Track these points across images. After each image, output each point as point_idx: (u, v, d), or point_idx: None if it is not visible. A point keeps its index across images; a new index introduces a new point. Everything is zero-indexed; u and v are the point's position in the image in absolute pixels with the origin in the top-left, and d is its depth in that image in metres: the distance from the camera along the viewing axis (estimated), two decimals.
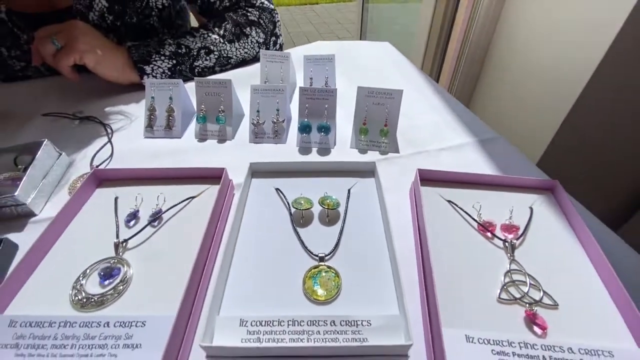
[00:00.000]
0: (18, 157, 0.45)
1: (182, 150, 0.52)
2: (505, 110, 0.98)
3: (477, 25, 0.98)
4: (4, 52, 0.65)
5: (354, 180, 0.42)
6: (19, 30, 0.63)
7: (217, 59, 0.69)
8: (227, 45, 0.69)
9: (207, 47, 0.67)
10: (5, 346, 0.26)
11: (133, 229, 0.36)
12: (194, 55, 0.65)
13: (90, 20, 0.62)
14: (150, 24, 0.69)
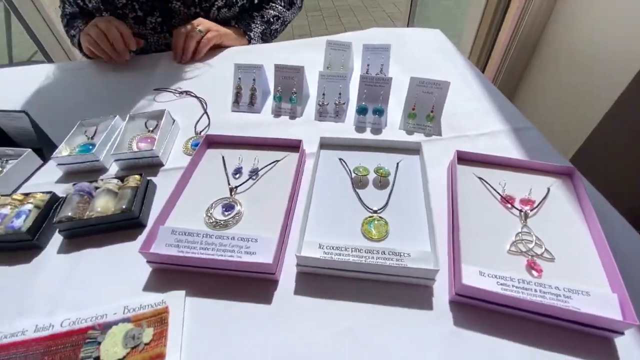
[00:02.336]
0: (147, 122, 0.61)
1: (262, 123, 0.65)
2: (548, 102, 1.00)
3: (530, 15, 0.99)
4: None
5: (402, 156, 0.53)
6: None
7: (281, 23, 0.96)
8: (287, 12, 0.96)
9: (277, 15, 0.94)
10: (170, 245, 0.41)
11: (239, 179, 0.50)
12: (270, 21, 0.93)
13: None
14: None
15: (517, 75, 1.08)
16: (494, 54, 1.15)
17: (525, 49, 1.03)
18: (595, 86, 0.87)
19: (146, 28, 0.87)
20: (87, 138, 0.59)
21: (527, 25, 0.99)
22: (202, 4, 0.84)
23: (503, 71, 1.10)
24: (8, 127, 0.58)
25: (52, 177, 0.56)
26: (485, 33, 1.13)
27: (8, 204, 0.46)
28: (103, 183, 0.48)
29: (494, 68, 1.13)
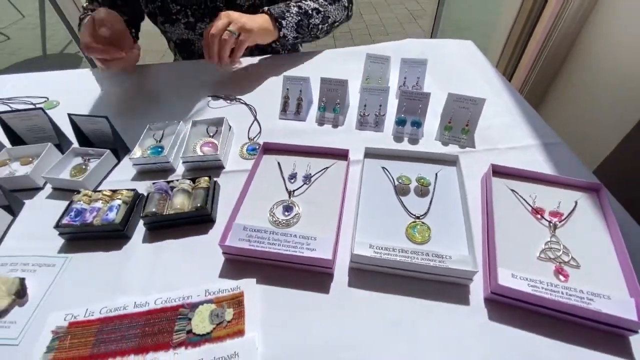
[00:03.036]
0: (208, 127, 0.68)
1: (307, 130, 0.72)
2: (574, 112, 1.03)
3: (563, 25, 1.01)
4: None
5: (440, 167, 0.58)
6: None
7: (322, 18, 0.87)
8: (330, 7, 0.88)
9: (317, 8, 0.86)
10: (243, 239, 0.48)
11: (294, 184, 0.57)
12: (309, 14, 0.84)
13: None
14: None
15: (544, 85, 1.11)
16: (522, 63, 1.18)
17: (555, 59, 1.06)
18: (622, 99, 0.90)
19: (195, 34, 0.94)
20: (155, 141, 0.66)
21: (558, 37, 1.02)
22: (251, 12, 0.90)
23: (530, 81, 1.13)
24: (87, 130, 0.66)
25: (126, 175, 0.64)
26: (515, 40, 1.16)
27: (100, 198, 0.54)
28: (178, 183, 0.55)
29: (522, 76, 1.16)
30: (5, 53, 3.52)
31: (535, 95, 1.13)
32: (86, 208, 0.53)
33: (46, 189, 0.62)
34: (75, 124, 0.64)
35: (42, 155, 0.62)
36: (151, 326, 0.43)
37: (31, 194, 0.61)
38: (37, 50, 3.45)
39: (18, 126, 0.66)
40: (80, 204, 0.53)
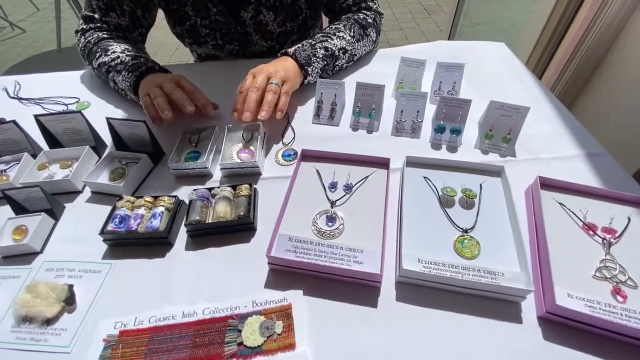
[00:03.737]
0: (244, 133, 0.67)
1: (341, 135, 0.71)
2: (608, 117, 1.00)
3: (601, 26, 0.98)
4: (198, 21, 0.85)
5: (483, 178, 0.57)
6: (210, 4, 0.82)
7: (349, 57, 0.82)
8: (356, 44, 0.82)
9: (344, 48, 0.80)
10: (288, 250, 0.48)
11: (335, 193, 0.56)
12: (336, 55, 0.78)
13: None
14: (299, 5, 0.86)
15: (576, 89, 1.08)
16: (552, 64, 1.15)
17: (591, 60, 1.03)
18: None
19: (223, 52, 0.94)
20: (191, 145, 0.66)
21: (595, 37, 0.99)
22: (279, 38, 0.90)
23: (561, 84, 1.10)
24: (124, 133, 0.66)
25: (163, 179, 0.64)
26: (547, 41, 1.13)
27: (142, 205, 0.54)
28: (220, 190, 0.55)
29: (551, 78, 1.13)
30: (21, 46, 3.56)
31: (567, 98, 1.10)
32: (129, 214, 0.53)
33: (85, 193, 0.62)
34: (112, 128, 0.64)
35: (80, 158, 0.62)
36: (201, 337, 0.43)
37: (71, 198, 0.61)
38: (52, 43, 3.47)
39: (55, 128, 0.66)
40: (123, 210, 0.53)
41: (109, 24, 0.83)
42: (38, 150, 0.67)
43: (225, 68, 0.93)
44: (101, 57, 0.77)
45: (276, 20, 0.86)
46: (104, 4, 0.81)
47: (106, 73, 0.77)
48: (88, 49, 0.80)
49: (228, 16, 0.84)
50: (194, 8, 0.82)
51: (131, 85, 0.72)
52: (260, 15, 0.84)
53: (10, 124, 0.64)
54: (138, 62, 0.73)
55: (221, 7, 0.82)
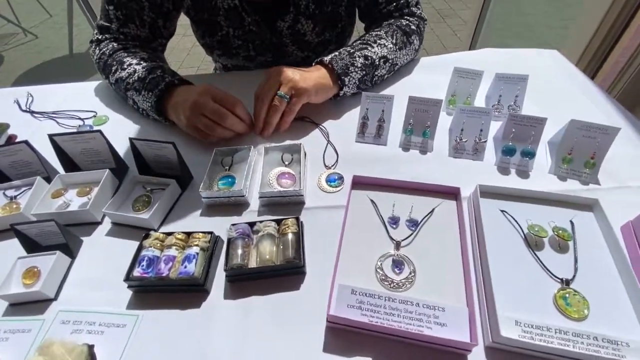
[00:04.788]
0: (283, 155, 0.59)
1: (390, 157, 0.62)
2: None
3: None
4: (230, 31, 0.78)
5: (573, 212, 0.48)
6: (245, 14, 0.75)
7: (390, 66, 0.74)
8: (398, 53, 0.74)
9: (385, 56, 0.71)
10: (352, 306, 0.40)
11: (397, 230, 0.48)
12: (376, 64, 0.70)
13: (299, 5, 0.73)
14: (338, 12, 0.79)
15: (632, 101, 0.99)
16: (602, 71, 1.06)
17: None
18: None
19: (252, 64, 0.86)
20: (224, 169, 0.58)
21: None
22: (317, 48, 0.82)
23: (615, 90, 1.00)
24: (149, 155, 0.58)
25: (192, 208, 0.56)
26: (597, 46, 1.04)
27: (173, 244, 0.46)
28: (263, 226, 0.47)
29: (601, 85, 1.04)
30: (33, 52, 3.55)
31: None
32: (159, 256, 0.45)
33: (105, 224, 0.54)
34: (136, 149, 0.56)
35: (100, 184, 0.55)
36: None
37: (89, 230, 0.54)
38: (64, 49, 3.46)
39: (72, 149, 0.59)
40: (151, 250, 0.45)
41: (127, 35, 0.76)
42: (52, 173, 0.60)
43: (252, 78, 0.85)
44: (118, 72, 0.70)
45: (315, 30, 0.78)
46: (122, 14, 0.73)
47: (124, 91, 0.69)
48: (103, 61, 0.73)
49: (263, 26, 0.77)
50: (226, 18, 0.75)
51: (153, 106, 0.65)
52: (298, 25, 0.77)
53: (22, 144, 0.56)
54: (156, 78, 0.65)
55: (256, 16, 0.75)
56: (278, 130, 0.66)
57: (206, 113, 0.59)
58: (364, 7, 0.81)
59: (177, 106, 0.63)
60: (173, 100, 0.64)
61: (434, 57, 0.86)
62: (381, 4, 0.78)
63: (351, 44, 0.73)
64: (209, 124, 0.60)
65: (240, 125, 0.63)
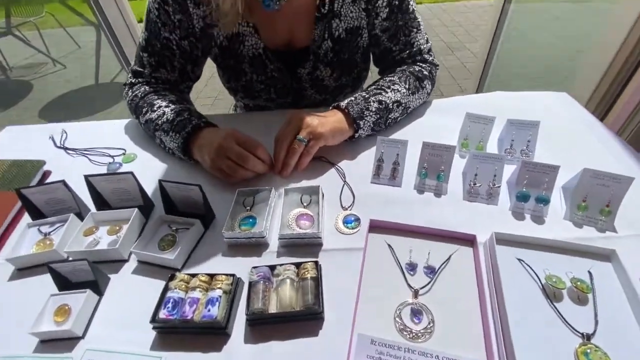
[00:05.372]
0: (302, 197, 0.62)
1: (406, 199, 0.64)
2: None
3: None
4: (254, 77, 0.84)
5: (590, 262, 0.49)
6: (268, 61, 0.81)
7: (402, 110, 0.77)
8: (411, 97, 0.78)
9: (398, 101, 0.75)
10: (372, 357, 0.40)
11: (415, 277, 0.49)
12: (390, 108, 0.74)
13: (317, 54, 0.79)
14: (355, 59, 0.84)
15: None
16: (613, 111, 1.07)
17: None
18: None
19: (273, 104, 0.92)
20: (246, 209, 0.61)
21: None
22: (334, 91, 0.88)
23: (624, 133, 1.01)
24: (176, 196, 0.61)
25: (214, 247, 0.58)
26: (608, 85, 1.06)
27: (197, 286, 0.48)
28: (283, 270, 0.49)
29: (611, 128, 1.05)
30: (62, 80, 3.77)
31: None
32: (183, 297, 0.47)
33: (131, 261, 0.57)
34: (164, 190, 0.60)
35: (129, 224, 0.58)
36: None
37: (116, 267, 0.56)
38: (90, 79, 3.66)
39: (104, 188, 0.63)
40: (176, 292, 0.47)
41: (158, 79, 0.82)
42: (83, 210, 0.63)
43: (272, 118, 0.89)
44: (147, 114, 0.75)
45: (332, 76, 0.83)
46: (155, 60, 0.80)
47: (153, 131, 0.74)
48: (135, 103, 0.79)
49: (285, 73, 0.83)
50: (251, 65, 0.81)
51: (179, 146, 0.69)
52: (317, 71, 0.82)
53: (59, 184, 0.60)
54: (183, 120, 0.70)
55: (279, 64, 0.81)
56: (296, 170, 0.69)
57: (230, 156, 0.63)
58: (378, 54, 0.86)
59: (202, 148, 0.67)
60: (199, 142, 0.68)
61: (446, 99, 0.90)
62: (395, 51, 0.83)
63: (366, 89, 0.77)
64: (232, 166, 0.63)
65: (261, 166, 0.66)
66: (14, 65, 4.24)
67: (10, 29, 3.71)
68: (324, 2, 0.74)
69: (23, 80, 3.92)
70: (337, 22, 0.77)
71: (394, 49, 0.82)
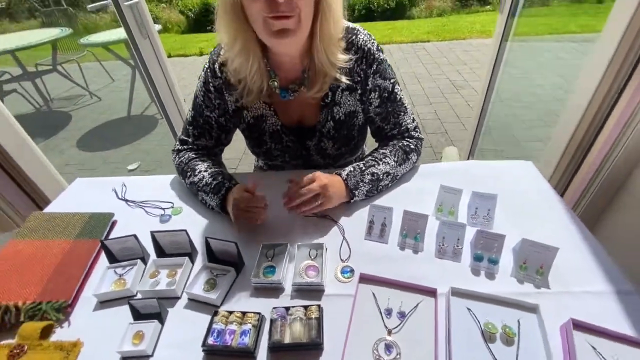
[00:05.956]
0: (310, 251, 0.81)
1: (391, 255, 0.82)
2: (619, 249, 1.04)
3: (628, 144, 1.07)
4: (272, 146, 1.07)
5: (521, 313, 0.66)
6: (284, 135, 1.04)
7: (391, 179, 0.98)
8: (399, 168, 0.98)
9: (388, 172, 0.96)
10: None
11: (391, 320, 0.67)
12: (380, 178, 0.95)
13: (322, 131, 1.01)
14: (352, 134, 1.06)
15: (597, 209, 1.15)
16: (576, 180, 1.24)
17: (613, 183, 1.12)
18: None
19: (287, 165, 1.15)
20: (267, 259, 0.81)
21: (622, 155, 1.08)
22: (335, 158, 1.10)
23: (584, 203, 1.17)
24: (217, 249, 0.82)
25: (244, 289, 0.77)
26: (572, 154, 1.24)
27: (234, 321, 0.67)
28: (294, 310, 0.68)
29: (574, 195, 1.21)
30: (96, 112, 4.14)
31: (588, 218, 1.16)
32: (224, 328, 0.66)
33: (183, 299, 0.77)
34: (208, 244, 0.80)
35: (182, 270, 0.78)
36: None
37: (172, 303, 0.76)
38: (123, 110, 4.01)
39: (163, 240, 0.84)
40: (219, 324, 0.67)
41: (199, 145, 1.06)
42: (146, 256, 0.84)
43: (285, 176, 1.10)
44: (191, 177, 0.98)
45: (334, 147, 1.05)
46: (198, 132, 1.04)
47: (196, 191, 0.97)
48: (181, 167, 1.03)
49: (297, 144, 1.05)
50: (271, 138, 1.04)
51: (217, 205, 0.92)
52: (322, 143, 1.04)
53: (131, 237, 0.82)
54: (218, 184, 0.93)
55: (292, 137, 1.04)
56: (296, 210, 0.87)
57: (241, 205, 0.84)
58: (374, 130, 1.08)
59: (230, 205, 0.88)
60: (229, 200, 0.90)
61: (430, 165, 1.09)
62: (386, 129, 1.04)
63: (363, 160, 0.98)
64: (247, 216, 0.85)
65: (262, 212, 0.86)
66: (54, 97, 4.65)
67: (55, 67, 4.13)
68: (327, 94, 0.97)
69: (63, 111, 4.31)
70: (338, 108, 1.00)
71: (385, 128, 1.04)
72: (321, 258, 0.79)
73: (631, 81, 1.06)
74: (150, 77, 2.17)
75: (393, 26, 6.81)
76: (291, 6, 0.75)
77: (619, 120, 1.11)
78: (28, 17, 10.18)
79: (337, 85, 0.96)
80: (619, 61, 1.08)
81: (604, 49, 1.12)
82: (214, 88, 0.98)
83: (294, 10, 0.76)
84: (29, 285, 0.76)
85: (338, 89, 0.97)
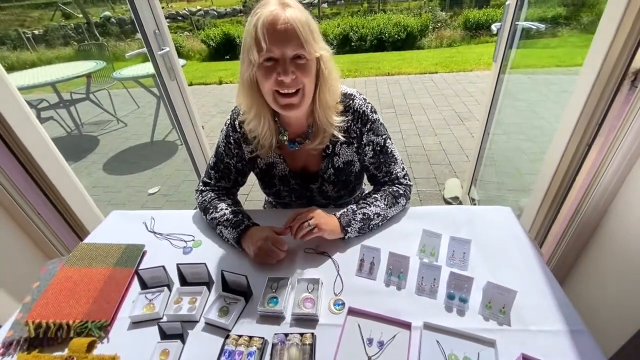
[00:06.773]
0: (308, 285, 0.96)
1: (378, 290, 0.95)
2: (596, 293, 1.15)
3: (596, 192, 1.19)
4: (281, 188, 1.24)
5: (481, 347, 0.78)
6: (291, 179, 1.21)
7: (381, 219, 1.13)
8: (388, 210, 1.13)
9: (378, 213, 1.11)
10: None
11: (371, 349, 0.80)
12: (371, 218, 1.10)
13: (324, 177, 1.18)
14: (350, 180, 1.22)
15: (571, 258, 1.25)
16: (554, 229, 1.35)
17: (584, 230, 1.23)
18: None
19: (293, 203, 1.32)
20: (272, 291, 0.96)
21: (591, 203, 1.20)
22: (335, 198, 1.26)
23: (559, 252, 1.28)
24: (230, 280, 0.97)
25: (251, 315, 0.92)
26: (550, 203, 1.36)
27: (242, 343, 0.82)
28: (292, 337, 0.82)
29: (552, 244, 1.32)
30: (122, 138, 4.46)
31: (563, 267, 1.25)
32: (234, 349, 0.81)
33: (201, 322, 0.92)
34: (224, 276, 0.96)
35: (201, 297, 0.94)
36: None
37: (192, 325, 0.91)
38: (146, 136, 4.31)
39: (186, 271, 1.00)
40: (230, 346, 0.81)
41: (219, 187, 1.25)
42: (171, 283, 1.01)
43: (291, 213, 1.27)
44: (213, 213, 1.16)
45: (334, 189, 1.22)
46: (219, 175, 1.23)
47: (216, 225, 1.14)
48: (204, 205, 1.20)
49: (302, 187, 1.23)
50: (280, 181, 1.22)
51: (234, 238, 1.08)
52: (323, 187, 1.21)
53: (160, 268, 0.99)
54: (238, 220, 1.10)
55: (298, 181, 1.21)
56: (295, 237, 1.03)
57: (267, 244, 1.01)
58: (368, 176, 1.24)
59: (249, 242, 1.05)
60: (247, 237, 1.07)
61: (419, 208, 1.23)
62: (379, 176, 1.20)
63: (357, 203, 1.14)
64: (268, 254, 1.01)
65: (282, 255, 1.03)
66: (85, 122, 5.02)
67: (88, 95, 4.51)
68: (328, 146, 1.15)
69: (92, 135, 4.65)
70: (337, 158, 1.17)
71: (378, 175, 1.20)
72: (317, 292, 0.94)
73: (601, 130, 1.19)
74: (173, 108, 2.42)
75: (403, 57, 7.10)
76: (296, 82, 0.94)
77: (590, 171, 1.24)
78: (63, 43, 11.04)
79: (337, 140, 1.14)
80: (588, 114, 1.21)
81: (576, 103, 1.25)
82: (233, 140, 1.17)
83: (298, 85, 0.95)
84: (77, 306, 0.93)
85: (337, 142, 1.15)
